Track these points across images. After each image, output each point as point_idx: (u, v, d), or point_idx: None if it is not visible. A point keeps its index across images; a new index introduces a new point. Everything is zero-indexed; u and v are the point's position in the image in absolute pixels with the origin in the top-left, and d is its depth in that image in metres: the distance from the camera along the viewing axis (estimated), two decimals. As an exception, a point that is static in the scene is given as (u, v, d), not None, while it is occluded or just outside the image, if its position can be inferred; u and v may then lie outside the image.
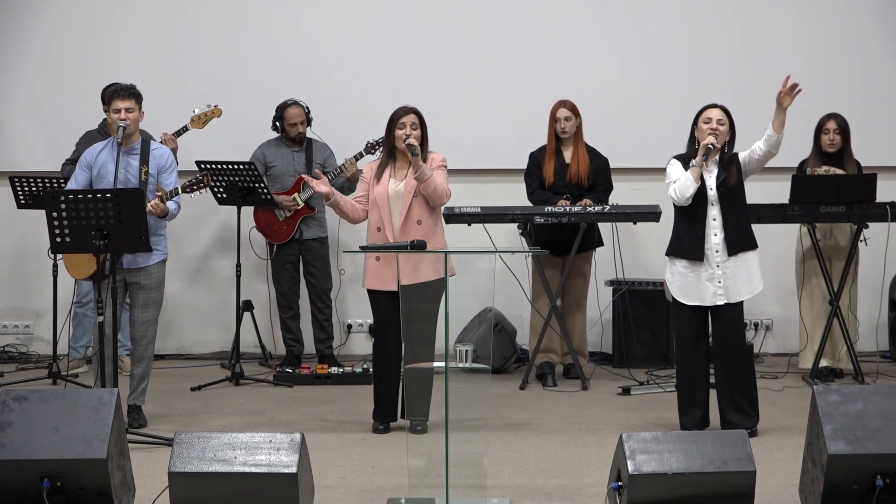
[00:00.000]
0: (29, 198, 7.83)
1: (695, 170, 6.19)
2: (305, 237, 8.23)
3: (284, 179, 8.18)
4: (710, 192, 6.23)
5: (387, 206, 6.36)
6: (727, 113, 6.28)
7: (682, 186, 6.19)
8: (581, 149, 7.84)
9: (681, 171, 6.26)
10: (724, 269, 6.24)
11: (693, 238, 6.26)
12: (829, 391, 4.78)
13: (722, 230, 6.24)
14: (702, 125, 6.27)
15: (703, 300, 6.27)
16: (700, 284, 6.27)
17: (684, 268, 6.30)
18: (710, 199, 6.23)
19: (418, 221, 6.34)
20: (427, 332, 6.16)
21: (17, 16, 8.88)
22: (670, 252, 6.39)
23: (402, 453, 5.85)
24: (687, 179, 6.18)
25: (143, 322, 6.59)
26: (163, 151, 6.60)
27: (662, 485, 4.60)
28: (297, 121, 8.17)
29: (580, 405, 7.22)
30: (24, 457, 4.59)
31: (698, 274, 6.27)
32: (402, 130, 6.36)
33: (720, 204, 6.23)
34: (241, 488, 4.63)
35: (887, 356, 8.53)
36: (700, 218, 6.24)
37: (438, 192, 6.34)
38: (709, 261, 6.25)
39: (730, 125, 6.29)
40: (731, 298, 6.24)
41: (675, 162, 6.34)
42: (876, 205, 7.54)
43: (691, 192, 6.18)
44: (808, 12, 8.86)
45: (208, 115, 7.90)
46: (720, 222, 6.24)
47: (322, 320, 8.35)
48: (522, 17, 8.86)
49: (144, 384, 6.67)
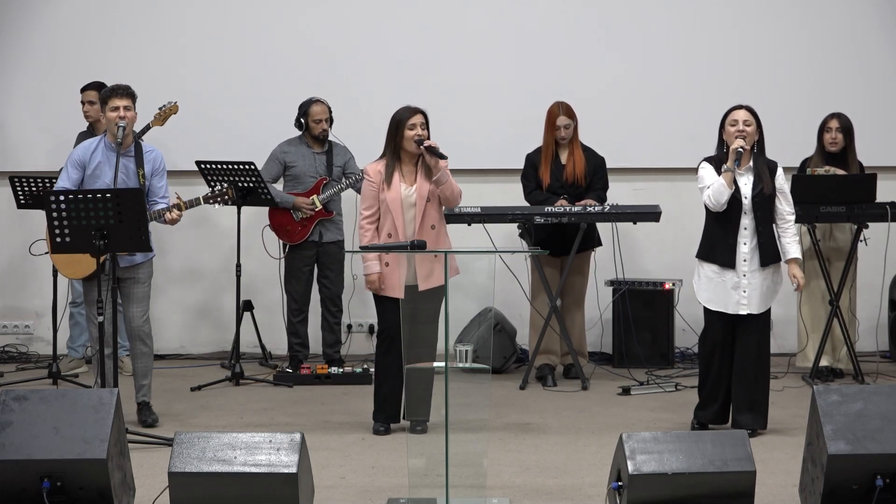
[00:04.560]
0: (29, 198, 7.83)
1: (727, 175, 6.14)
2: (325, 240, 8.17)
3: (305, 180, 8.13)
4: (745, 201, 6.21)
5: (399, 211, 6.22)
6: (753, 113, 6.24)
7: (716, 193, 6.16)
8: (577, 149, 7.84)
9: (713, 176, 6.20)
10: (750, 279, 6.23)
11: (725, 244, 6.23)
12: (829, 391, 4.78)
13: (752, 239, 6.22)
14: (728, 128, 6.23)
15: (727, 307, 6.26)
16: (726, 291, 6.26)
17: (713, 273, 6.28)
18: (744, 208, 6.21)
19: (432, 226, 6.27)
20: (429, 332, 6.15)
21: (18, 16, 8.88)
22: (701, 255, 6.36)
23: (402, 453, 5.85)
24: (720, 185, 6.14)
25: (139, 317, 6.60)
26: (156, 154, 6.59)
27: (662, 485, 4.60)
28: (321, 117, 8.09)
29: (580, 405, 7.22)
30: (24, 457, 4.58)
31: (725, 281, 6.25)
32: (412, 131, 6.20)
33: (753, 213, 6.21)
34: (241, 488, 4.63)
35: (887, 356, 8.53)
36: (734, 225, 6.22)
37: (455, 193, 6.27)
38: (736, 269, 6.24)
39: (757, 125, 6.25)
40: (755, 309, 6.25)
41: (707, 165, 6.28)
42: (876, 205, 7.54)
43: (726, 197, 6.14)
44: (808, 12, 8.85)
45: (166, 112, 7.81)
46: (751, 231, 6.22)
47: (333, 324, 8.31)
48: (522, 18, 8.86)
49: (149, 380, 6.68)
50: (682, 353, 8.65)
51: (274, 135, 8.29)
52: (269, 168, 8.12)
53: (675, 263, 8.50)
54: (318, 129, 8.10)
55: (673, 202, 8.40)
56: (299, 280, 8.22)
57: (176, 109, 7.85)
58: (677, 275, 8.41)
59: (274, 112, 8.52)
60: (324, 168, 8.15)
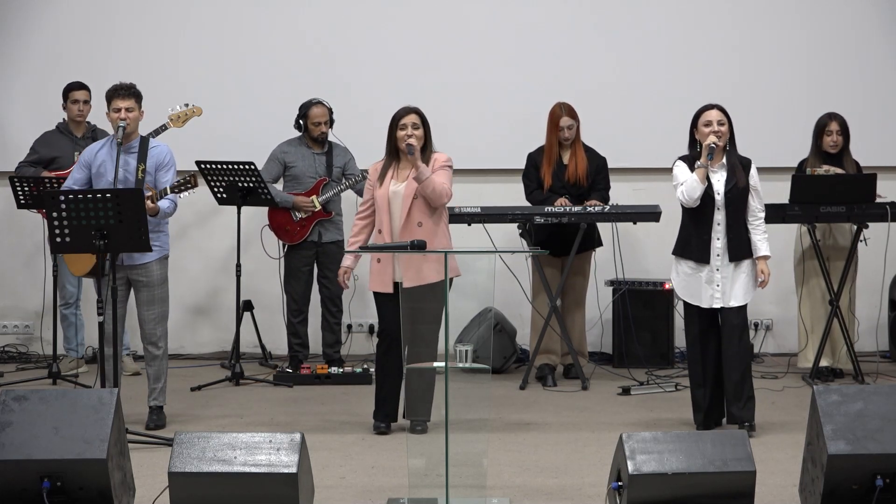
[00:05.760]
0: (29, 198, 7.83)
1: (700, 171, 6.23)
2: (324, 240, 8.17)
3: (304, 181, 8.13)
4: (718, 197, 6.29)
5: (386, 208, 6.32)
6: (725, 113, 6.32)
7: (689, 188, 6.25)
8: (579, 150, 7.84)
9: (687, 173, 6.30)
10: (723, 272, 6.31)
11: (700, 240, 6.33)
12: (829, 391, 4.78)
13: (725, 235, 6.30)
14: (702, 128, 6.31)
15: (701, 301, 6.35)
16: (700, 286, 6.33)
17: (690, 268, 6.38)
18: (716, 203, 6.29)
19: (419, 224, 6.29)
20: (430, 332, 6.15)
21: (18, 16, 8.88)
22: (677, 252, 6.45)
23: (402, 453, 5.85)
24: (693, 181, 6.23)
25: (151, 320, 6.58)
26: (162, 149, 6.59)
27: (662, 485, 4.60)
28: (320, 120, 8.10)
29: (580, 405, 7.23)
30: (24, 457, 4.58)
31: (700, 276, 6.33)
32: (403, 131, 6.31)
33: (726, 209, 6.30)
34: (241, 488, 4.63)
35: (887, 356, 8.53)
36: (707, 220, 6.30)
37: (437, 192, 6.29)
38: (710, 264, 6.31)
39: (729, 124, 6.32)
40: (728, 303, 6.32)
41: (681, 164, 6.38)
42: (876, 205, 7.54)
43: (699, 193, 6.23)
44: (808, 12, 8.85)
45: (188, 114, 7.77)
46: (724, 227, 6.31)
47: (333, 324, 8.31)
48: (522, 18, 8.86)
49: (161, 384, 6.65)
50: (682, 353, 8.63)
51: (274, 135, 8.30)
52: (270, 168, 8.13)
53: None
54: (316, 132, 8.11)
55: (673, 202, 8.28)
56: (299, 280, 8.23)
57: (199, 112, 7.76)
58: (677, 275, 8.41)
59: (274, 112, 8.52)
60: (323, 169, 8.15)
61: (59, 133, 8.11)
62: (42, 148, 8.07)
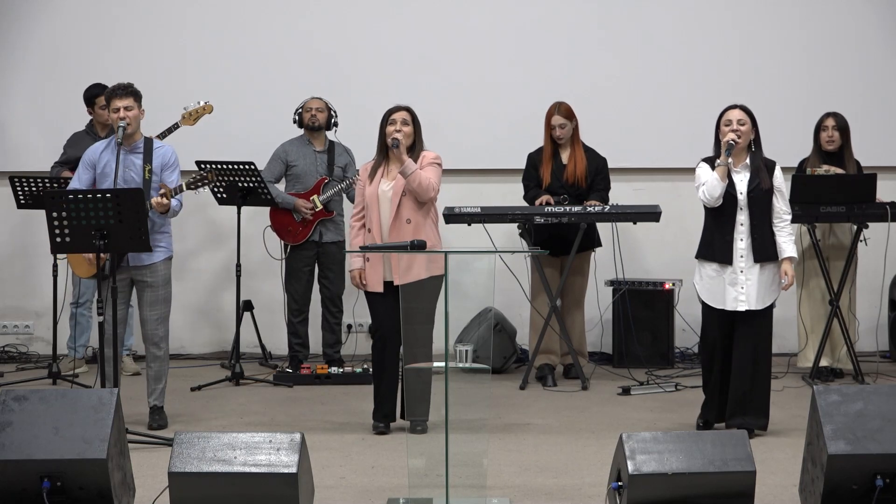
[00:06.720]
0: (29, 198, 7.83)
1: (721, 168, 6.19)
2: (325, 240, 8.17)
3: (306, 180, 8.13)
4: (741, 197, 6.24)
5: (375, 206, 6.33)
6: (748, 112, 6.27)
7: (709, 187, 6.20)
8: (579, 150, 7.84)
9: (709, 173, 6.25)
10: (748, 275, 6.25)
11: (723, 241, 6.26)
12: (829, 391, 4.78)
13: (749, 236, 6.24)
14: (723, 127, 6.27)
15: (725, 304, 6.28)
16: (724, 288, 6.28)
17: (714, 271, 6.31)
18: (739, 204, 6.24)
19: (408, 221, 6.31)
20: (425, 332, 6.16)
21: (18, 16, 8.88)
22: (700, 255, 6.38)
23: (402, 453, 5.85)
24: (714, 179, 6.19)
25: (153, 321, 6.58)
26: (166, 149, 6.59)
27: (662, 485, 4.60)
28: (312, 106, 8.11)
29: (580, 405, 7.23)
30: (24, 457, 4.59)
31: (723, 278, 6.28)
32: (392, 127, 6.34)
33: (749, 209, 6.24)
34: (240, 488, 4.63)
35: (887, 356, 8.53)
36: (729, 221, 6.25)
37: (424, 186, 6.27)
38: (734, 265, 6.26)
39: (752, 123, 6.28)
40: (753, 305, 6.26)
41: (704, 164, 6.33)
42: (876, 205, 7.55)
43: (719, 191, 6.18)
44: (808, 12, 8.86)
45: (199, 111, 7.78)
46: (747, 228, 6.24)
47: (333, 324, 8.31)
48: (521, 18, 8.86)
49: (162, 384, 6.65)
50: (682, 353, 8.65)
51: (274, 135, 8.30)
52: (272, 167, 8.14)
53: (675, 263, 8.50)
54: (307, 117, 8.11)
55: (673, 202, 8.40)
56: (299, 280, 8.22)
57: (210, 109, 7.78)
58: (677, 275, 8.42)
59: (274, 112, 8.52)
60: (324, 168, 8.15)
61: (87, 135, 8.10)
62: (69, 148, 8.05)
